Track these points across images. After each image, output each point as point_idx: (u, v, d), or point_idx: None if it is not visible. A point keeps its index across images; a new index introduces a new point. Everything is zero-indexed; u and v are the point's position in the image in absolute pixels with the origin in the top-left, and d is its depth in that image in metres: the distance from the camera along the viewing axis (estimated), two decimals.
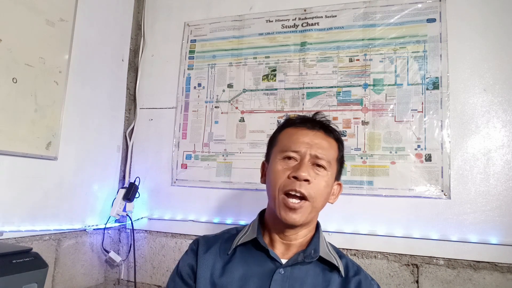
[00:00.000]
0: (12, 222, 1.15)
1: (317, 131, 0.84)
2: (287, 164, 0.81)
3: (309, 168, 0.79)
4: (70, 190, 1.38)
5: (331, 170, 0.82)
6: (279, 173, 0.80)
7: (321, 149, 0.81)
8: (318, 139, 0.82)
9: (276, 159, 0.83)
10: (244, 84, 1.55)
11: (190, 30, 1.68)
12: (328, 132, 0.85)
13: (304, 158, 0.80)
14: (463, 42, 1.29)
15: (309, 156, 0.80)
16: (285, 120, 0.91)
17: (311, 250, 0.80)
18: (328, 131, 0.86)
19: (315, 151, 0.80)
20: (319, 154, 0.80)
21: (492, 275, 1.15)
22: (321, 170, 0.81)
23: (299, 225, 0.80)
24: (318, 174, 0.80)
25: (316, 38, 1.48)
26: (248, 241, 0.83)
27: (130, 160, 1.68)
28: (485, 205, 1.20)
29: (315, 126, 0.85)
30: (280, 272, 0.78)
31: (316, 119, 0.88)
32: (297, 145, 0.81)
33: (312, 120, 0.87)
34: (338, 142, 0.87)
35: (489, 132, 1.23)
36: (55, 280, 1.31)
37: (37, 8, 1.22)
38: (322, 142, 0.82)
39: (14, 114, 1.14)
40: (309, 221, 0.81)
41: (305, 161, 0.79)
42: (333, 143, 0.85)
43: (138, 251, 1.57)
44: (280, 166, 0.81)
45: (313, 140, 0.82)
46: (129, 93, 1.72)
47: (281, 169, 0.81)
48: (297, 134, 0.83)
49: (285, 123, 0.89)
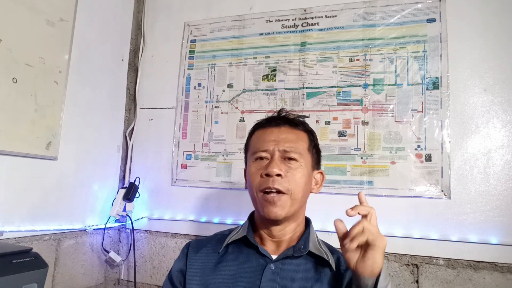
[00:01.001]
0: (12, 222, 1.15)
1: (282, 126, 0.86)
2: (260, 164, 0.83)
3: (280, 163, 0.81)
4: (70, 190, 1.38)
5: (304, 161, 0.83)
6: (253, 175, 0.83)
7: (288, 142, 0.83)
8: (284, 134, 0.85)
9: (249, 162, 0.86)
10: (244, 84, 1.55)
11: (190, 30, 1.68)
12: (293, 125, 0.87)
13: (273, 155, 0.82)
14: (463, 42, 1.29)
15: (278, 152, 0.82)
16: (254, 125, 0.93)
17: (300, 245, 0.82)
18: (293, 124, 0.88)
19: (282, 146, 0.82)
20: (287, 148, 0.82)
21: (492, 275, 1.15)
22: (293, 162, 0.82)
23: (283, 219, 0.81)
24: (290, 167, 0.82)
25: (316, 38, 1.48)
26: (239, 239, 0.85)
27: (130, 160, 1.68)
28: (485, 205, 1.20)
29: (280, 122, 0.87)
30: (271, 267, 0.79)
31: (281, 115, 0.90)
32: (265, 144, 0.84)
33: (276, 117, 0.89)
34: (307, 132, 0.89)
35: (489, 132, 1.23)
36: (55, 280, 1.31)
37: (37, 8, 1.21)
38: (289, 136, 0.85)
39: (14, 114, 1.14)
40: (292, 213, 0.82)
41: (275, 157, 0.82)
42: (302, 134, 0.87)
43: (138, 251, 1.57)
44: (254, 168, 0.84)
45: (279, 136, 0.84)
46: (129, 93, 1.72)
47: (255, 170, 0.83)
48: (264, 134, 0.86)
49: (254, 127, 0.92)
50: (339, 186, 1.35)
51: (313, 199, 0.89)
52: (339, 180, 1.35)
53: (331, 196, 1.34)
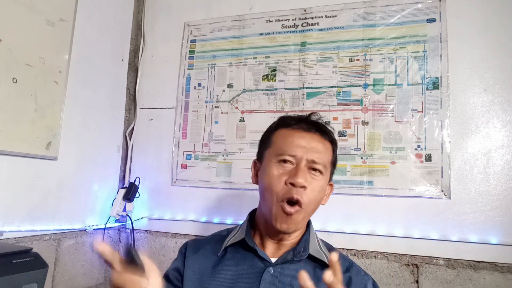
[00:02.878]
0: (12, 222, 1.15)
1: (313, 134, 0.82)
2: (283, 168, 0.79)
3: (306, 173, 0.78)
4: (70, 190, 1.38)
5: (326, 174, 0.81)
6: (275, 178, 0.78)
7: (318, 153, 0.79)
8: (315, 142, 0.80)
9: (271, 162, 0.81)
10: (244, 84, 1.55)
11: (190, 30, 1.68)
12: (323, 134, 0.83)
13: (300, 163, 0.78)
14: (463, 42, 1.29)
15: (306, 161, 0.78)
16: (279, 120, 0.87)
17: (300, 248, 0.80)
18: (323, 133, 0.84)
19: (311, 156, 0.78)
20: (316, 159, 0.78)
21: (492, 275, 1.15)
22: (317, 174, 0.79)
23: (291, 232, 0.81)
24: (314, 179, 0.79)
25: (316, 38, 1.48)
26: (238, 242, 0.83)
27: (130, 160, 1.67)
28: (485, 205, 1.20)
29: (311, 128, 0.82)
30: (270, 271, 0.78)
31: (312, 119, 0.85)
32: (293, 149, 0.79)
33: (307, 121, 0.85)
34: (333, 144, 0.86)
35: (489, 132, 1.23)
36: (55, 280, 1.31)
37: (37, 8, 1.21)
38: (318, 146, 0.80)
39: (14, 114, 1.14)
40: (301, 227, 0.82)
41: (302, 165, 0.78)
42: (329, 146, 0.84)
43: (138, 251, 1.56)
44: (276, 171, 0.79)
45: (310, 143, 0.80)
46: (129, 93, 1.72)
47: (277, 174, 0.78)
48: (293, 137, 0.81)
49: (279, 123, 0.86)
50: (339, 186, 1.35)
51: None
52: (339, 180, 1.35)
53: (331, 196, 1.33)
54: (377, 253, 1.27)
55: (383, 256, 1.26)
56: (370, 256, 1.28)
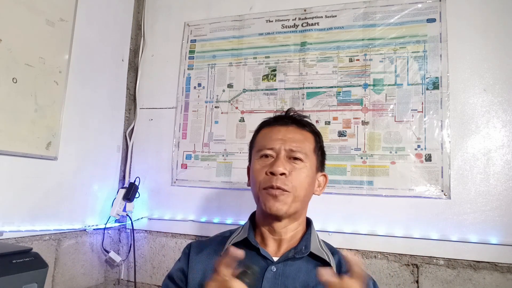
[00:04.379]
0: (12, 222, 1.15)
1: (290, 126, 0.87)
2: (265, 162, 0.84)
3: (285, 162, 0.81)
4: (70, 190, 1.38)
5: (309, 162, 0.84)
6: (258, 172, 0.83)
7: (295, 142, 0.83)
8: (291, 134, 0.85)
9: (254, 159, 0.86)
10: (244, 84, 1.55)
11: (190, 30, 1.68)
12: (301, 126, 0.88)
13: (279, 154, 0.82)
14: (463, 42, 1.29)
15: (284, 151, 0.82)
16: (261, 122, 0.93)
17: (302, 246, 0.81)
18: (301, 124, 0.88)
19: (289, 145, 0.83)
20: (294, 148, 0.83)
21: (492, 275, 1.15)
22: (298, 162, 0.83)
23: (285, 215, 0.81)
24: (295, 166, 0.82)
25: (316, 38, 1.48)
26: (240, 241, 0.85)
27: (130, 160, 1.68)
28: (485, 205, 1.20)
29: (288, 122, 0.87)
30: (272, 269, 0.79)
31: (289, 115, 0.90)
32: (271, 143, 0.84)
33: (284, 117, 0.90)
34: (314, 134, 0.89)
35: (489, 132, 1.23)
36: (55, 280, 1.31)
37: (37, 8, 1.21)
38: (296, 136, 0.85)
39: (14, 114, 1.14)
40: (293, 211, 0.82)
41: (280, 156, 0.82)
42: (308, 135, 0.87)
43: (138, 251, 1.57)
44: (258, 165, 0.84)
45: (286, 135, 0.84)
46: (129, 93, 1.72)
47: (259, 168, 0.83)
48: (271, 133, 0.86)
49: (261, 124, 0.92)
50: (339, 186, 1.35)
51: (313, 199, 0.89)
52: (339, 180, 1.36)
53: (331, 196, 1.34)
54: (377, 253, 1.27)
55: (383, 256, 1.26)
56: (370, 256, 1.28)
